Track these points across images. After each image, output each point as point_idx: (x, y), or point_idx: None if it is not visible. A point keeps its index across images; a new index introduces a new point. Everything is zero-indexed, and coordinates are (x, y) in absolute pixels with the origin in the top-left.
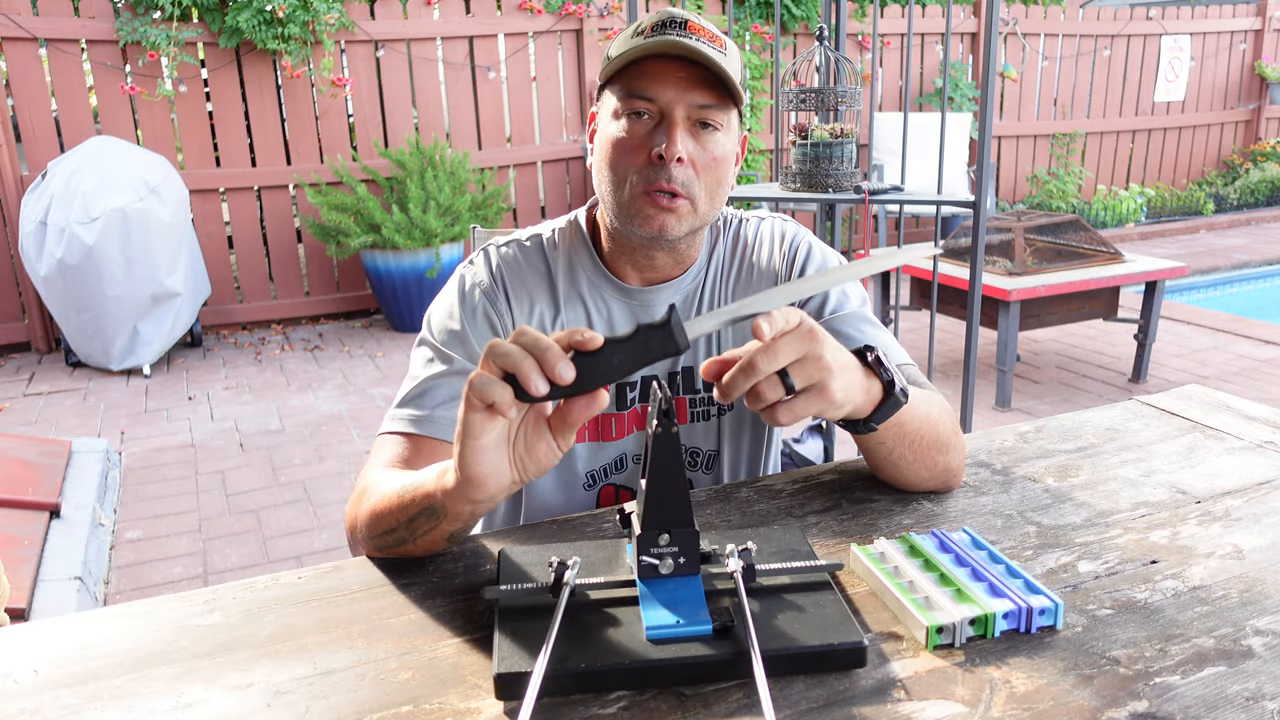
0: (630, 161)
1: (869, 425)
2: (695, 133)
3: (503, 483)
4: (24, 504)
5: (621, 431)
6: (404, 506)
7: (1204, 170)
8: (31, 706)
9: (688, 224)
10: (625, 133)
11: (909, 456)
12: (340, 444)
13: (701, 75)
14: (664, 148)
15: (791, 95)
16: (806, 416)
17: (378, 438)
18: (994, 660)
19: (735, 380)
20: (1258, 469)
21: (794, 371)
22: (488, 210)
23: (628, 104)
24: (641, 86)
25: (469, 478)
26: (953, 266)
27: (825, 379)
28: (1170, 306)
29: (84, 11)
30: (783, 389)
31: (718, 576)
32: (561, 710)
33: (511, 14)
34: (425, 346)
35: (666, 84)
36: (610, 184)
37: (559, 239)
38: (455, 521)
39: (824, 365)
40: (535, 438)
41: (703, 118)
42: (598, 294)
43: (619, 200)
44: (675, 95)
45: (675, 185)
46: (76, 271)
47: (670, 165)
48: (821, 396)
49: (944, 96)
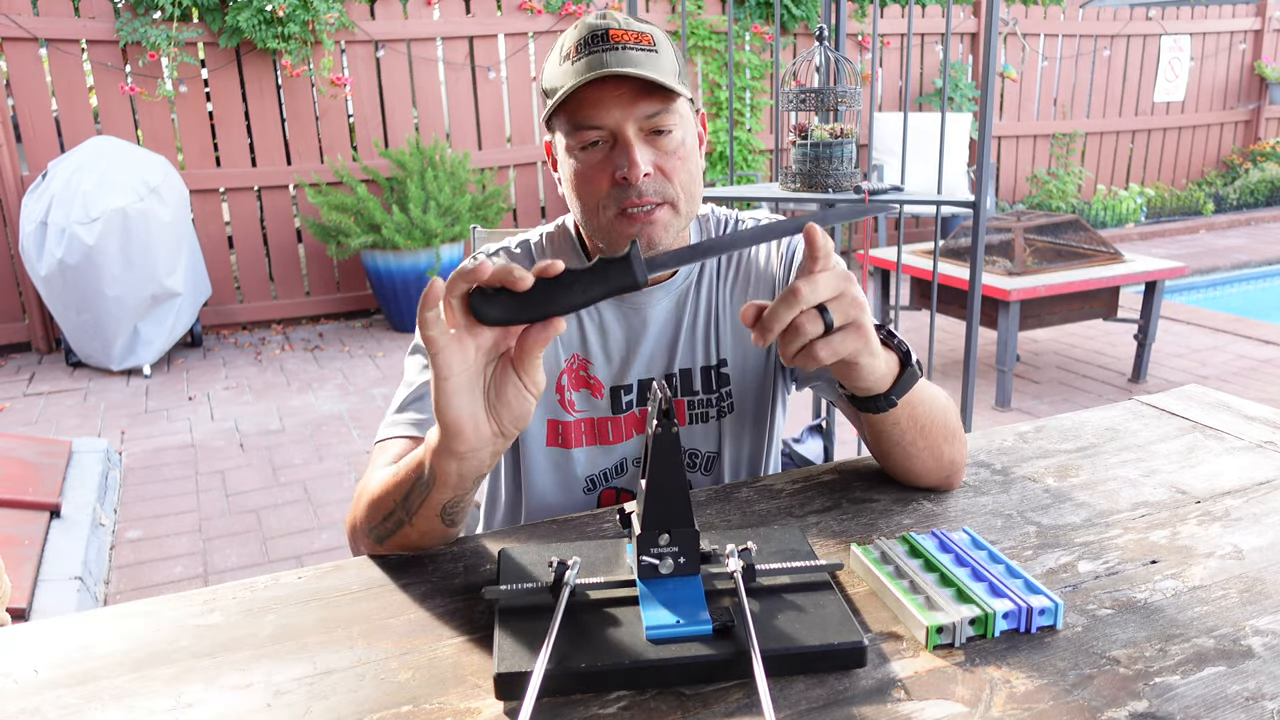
0: (596, 190)
1: (889, 400)
2: (651, 141)
3: (482, 432)
4: (24, 504)
5: (620, 436)
6: (398, 484)
7: (1204, 170)
8: (31, 706)
9: (674, 229)
10: (584, 164)
11: (920, 443)
12: (340, 444)
13: (639, 85)
14: (626, 170)
15: (791, 95)
16: (844, 355)
17: (375, 445)
18: (994, 660)
19: (776, 312)
20: (1258, 469)
21: (832, 307)
22: (488, 210)
23: (578, 136)
24: (586, 117)
25: (446, 424)
26: (953, 266)
27: (861, 317)
28: (1170, 306)
29: (84, 11)
30: (822, 324)
31: (718, 576)
32: (561, 710)
33: (511, 14)
34: (419, 354)
35: (609, 107)
36: (586, 213)
37: (547, 244)
38: (444, 487)
39: (860, 304)
40: (503, 380)
41: (653, 126)
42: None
43: (598, 226)
44: (621, 115)
45: (648, 198)
46: (77, 271)
47: (637, 184)
48: (859, 334)
49: (944, 96)
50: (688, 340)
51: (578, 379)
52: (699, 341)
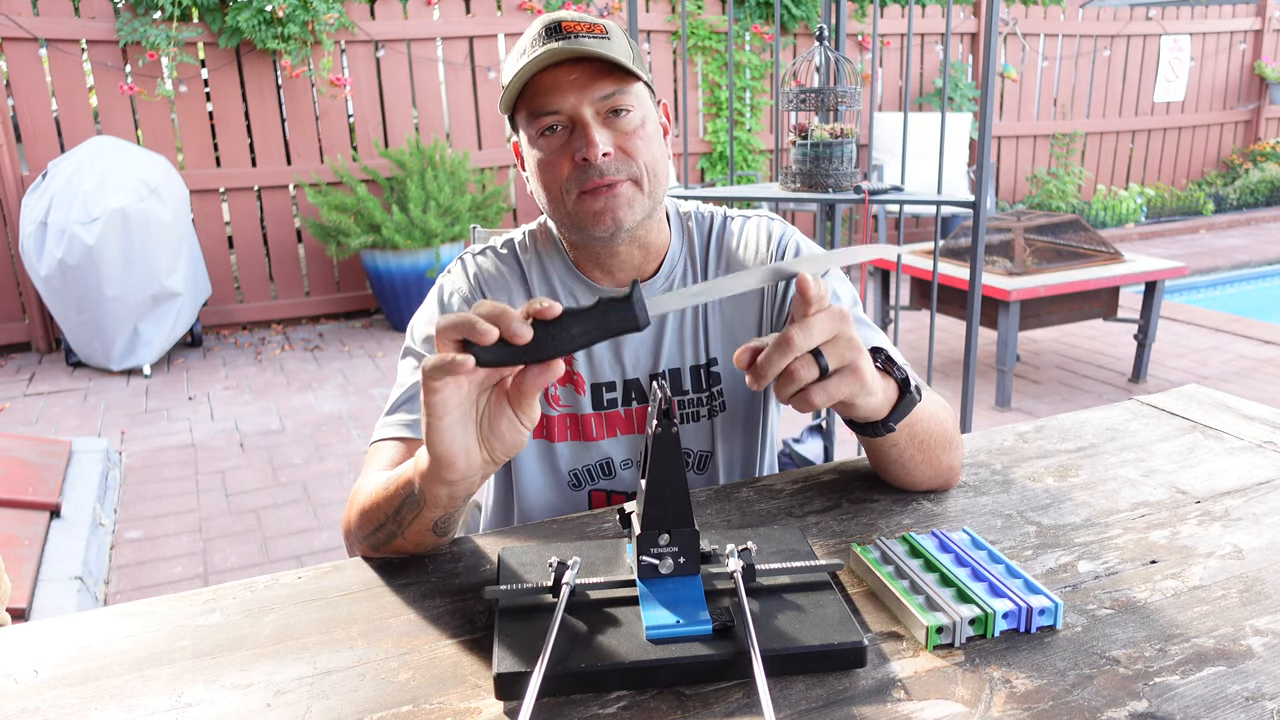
0: (559, 174)
1: (887, 426)
2: (610, 122)
3: (473, 461)
4: (24, 504)
5: (601, 432)
6: (389, 498)
7: (1204, 170)
8: (31, 706)
9: (639, 207)
10: (545, 151)
11: (918, 457)
12: (340, 444)
13: (594, 68)
14: (585, 150)
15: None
16: (840, 399)
17: (370, 446)
18: (994, 660)
19: (770, 359)
20: (1257, 469)
21: (827, 351)
22: (488, 210)
23: (537, 124)
24: (542, 103)
25: (437, 456)
26: (953, 266)
27: (857, 360)
28: (1170, 306)
29: (84, 11)
30: (817, 369)
31: (718, 576)
32: (561, 710)
33: (511, 14)
34: (410, 356)
35: (564, 91)
36: (551, 202)
37: (530, 242)
38: (435, 507)
39: (855, 345)
40: (497, 413)
41: (610, 106)
42: (571, 296)
43: (564, 212)
44: (576, 98)
45: (609, 176)
46: (77, 271)
47: (597, 163)
48: (855, 377)
49: (944, 96)
50: (675, 340)
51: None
52: (687, 341)
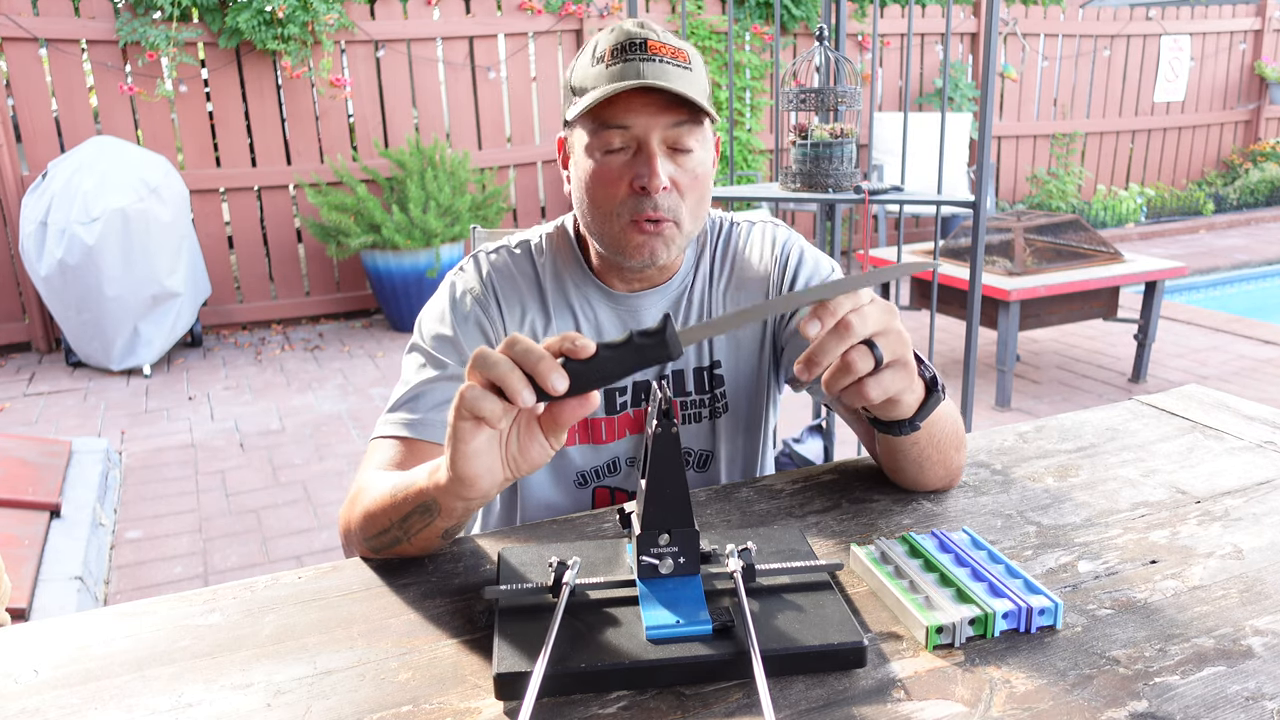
0: (613, 194)
1: (914, 425)
2: (672, 156)
3: (495, 479)
4: (24, 504)
5: (612, 435)
6: (396, 505)
7: (1204, 170)
8: (31, 706)
9: (675, 246)
10: (604, 166)
11: (935, 456)
12: (340, 444)
13: (671, 97)
14: (646, 180)
15: (791, 95)
16: (892, 393)
17: (370, 442)
18: (994, 660)
19: (826, 345)
20: (1257, 469)
21: (880, 342)
22: (488, 210)
23: (602, 137)
24: (613, 117)
25: (461, 478)
26: (953, 266)
27: (906, 355)
28: (1170, 306)
29: (84, 11)
30: (872, 360)
31: (718, 576)
32: (561, 710)
33: (511, 14)
34: (417, 352)
35: (638, 113)
36: (595, 218)
37: (546, 245)
38: (449, 518)
39: (905, 340)
40: (528, 438)
41: (677, 138)
42: (585, 300)
43: (608, 233)
44: (648, 122)
45: (661, 213)
46: (77, 271)
47: (655, 195)
48: (905, 371)
49: (944, 96)
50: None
51: None
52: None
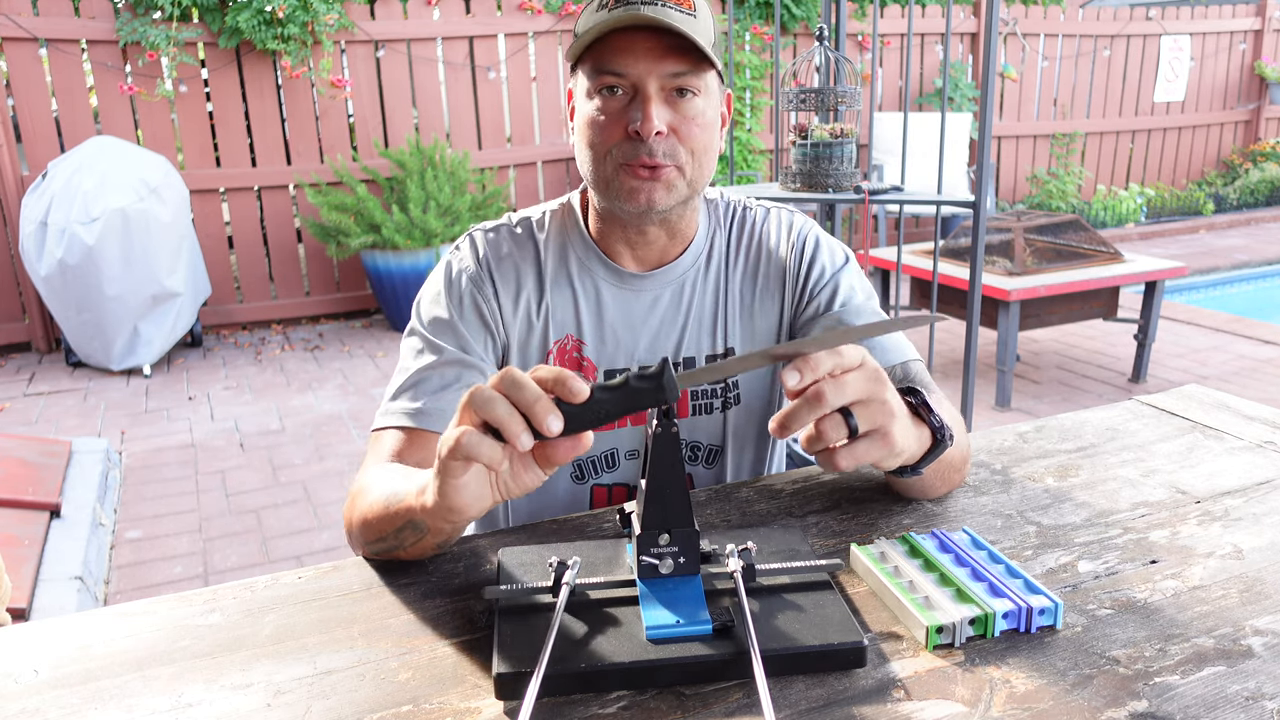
0: (606, 139)
1: (915, 471)
2: (672, 101)
3: (484, 505)
4: (24, 504)
5: (610, 424)
6: (389, 518)
7: (1204, 170)
8: (32, 706)
9: (677, 193)
10: (599, 111)
11: (938, 484)
12: (340, 444)
13: (672, 42)
14: (640, 124)
15: (791, 95)
16: (866, 463)
17: (372, 433)
18: (994, 660)
19: (797, 413)
20: (1258, 469)
21: (859, 412)
22: (488, 210)
23: (599, 80)
24: (610, 62)
25: (450, 506)
26: (953, 266)
27: (888, 425)
28: (1170, 306)
29: (84, 11)
30: (846, 431)
31: (718, 576)
32: (561, 710)
33: (511, 14)
34: (415, 337)
35: (636, 57)
36: (590, 162)
37: (549, 220)
38: (439, 535)
39: (889, 409)
40: (520, 469)
41: (678, 85)
42: (587, 276)
43: (601, 176)
44: (646, 67)
45: (656, 159)
46: (77, 271)
47: (649, 140)
48: (884, 442)
49: (944, 96)
50: (694, 328)
51: (569, 360)
52: (704, 330)
